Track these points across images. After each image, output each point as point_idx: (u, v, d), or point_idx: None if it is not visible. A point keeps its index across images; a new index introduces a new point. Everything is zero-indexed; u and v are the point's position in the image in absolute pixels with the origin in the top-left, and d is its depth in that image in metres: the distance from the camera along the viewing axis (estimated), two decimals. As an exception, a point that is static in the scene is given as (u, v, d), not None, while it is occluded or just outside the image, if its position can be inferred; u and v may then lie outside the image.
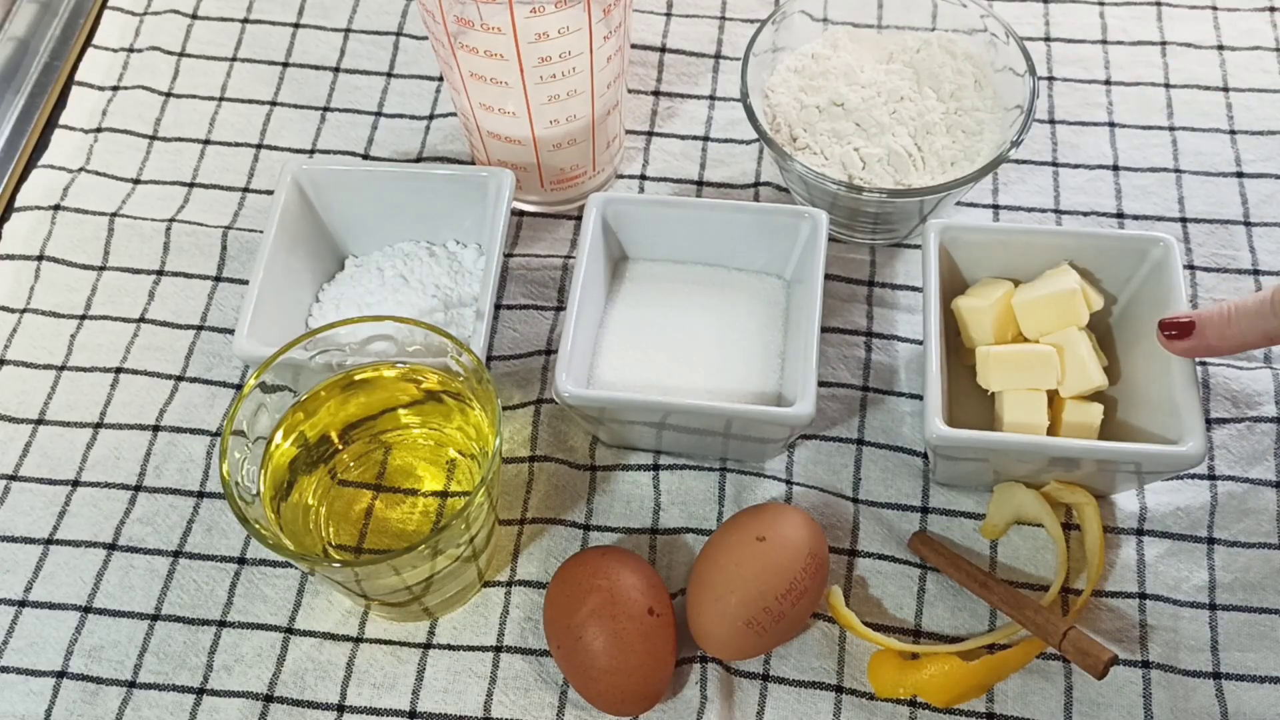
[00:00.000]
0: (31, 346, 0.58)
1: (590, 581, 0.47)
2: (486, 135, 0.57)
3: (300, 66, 0.68)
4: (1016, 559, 0.52)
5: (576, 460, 0.54)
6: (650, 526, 0.53)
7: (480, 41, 0.51)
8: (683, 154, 0.64)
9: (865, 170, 0.56)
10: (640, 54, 0.67)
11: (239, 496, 0.43)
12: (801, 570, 0.47)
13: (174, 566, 0.52)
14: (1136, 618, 0.50)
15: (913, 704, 0.49)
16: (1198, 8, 0.68)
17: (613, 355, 0.53)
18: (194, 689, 0.49)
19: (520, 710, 0.49)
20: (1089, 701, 0.48)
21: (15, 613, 0.51)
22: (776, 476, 0.53)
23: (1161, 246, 0.51)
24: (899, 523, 0.53)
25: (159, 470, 0.55)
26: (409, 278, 0.56)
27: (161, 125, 0.66)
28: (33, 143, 0.66)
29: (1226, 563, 0.51)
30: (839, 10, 0.61)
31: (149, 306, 0.59)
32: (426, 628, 0.51)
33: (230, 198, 0.63)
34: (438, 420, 0.50)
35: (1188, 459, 0.46)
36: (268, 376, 0.45)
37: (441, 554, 0.44)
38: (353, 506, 0.50)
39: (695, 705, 0.48)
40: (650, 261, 0.56)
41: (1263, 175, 0.62)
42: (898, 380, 0.56)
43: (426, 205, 0.56)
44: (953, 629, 0.50)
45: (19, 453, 0.55)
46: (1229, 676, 0.49)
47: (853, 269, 0.60)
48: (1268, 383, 0.55)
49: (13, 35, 0.69)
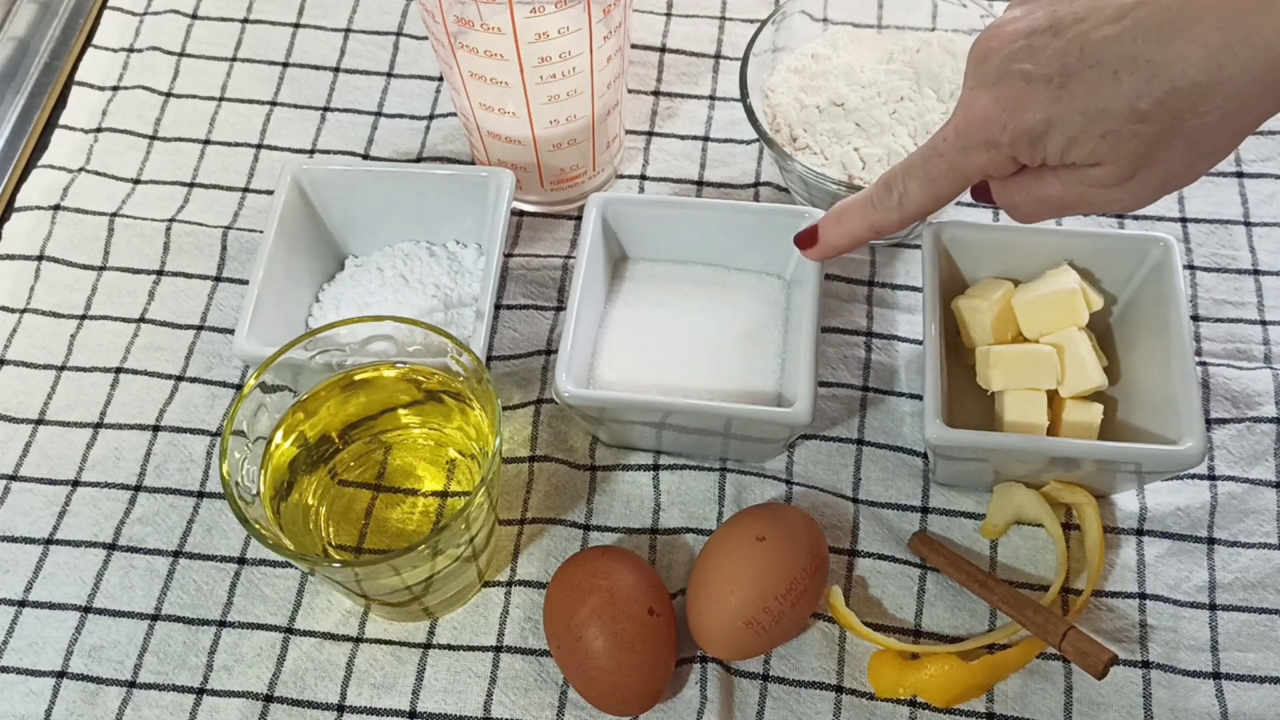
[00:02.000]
0: (31, 346, 0.58)
1: (590, 581, 0.47)
2: (486, 135, 0.57)
3: (300, 66, 0.68)
4: (1016, 559, 0.52)
5: (576, 460, 0.54)
6: (650, 526, 0.53)
7: (480, 41, 0.51)
8: (683, 154, 0.64)
9: (865, 170, 0.56)
10: (640, 54, 0.67)
11: (239, 496, 0.43)
12: (801, 570, 0.47)
13: (174, 566, 0.52)
14: (1136, 618, 0.50)
15: (913, 704, 0.49)
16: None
17: (613, 355, 0.53)
18: (194, 689, 0.49)
19: (520, 710, 0.49)
20: (1089, 701, 0.48)
21: (15, 613, 0.51)
22: (776, 476, 0.53)
23: (1161, 246, 0.51)
24: (899, 523, 0.53)
25: (159, 470, 0.55)
26: (409, 278, 0.56)
27: (161, 125, 0.66)
28: (33, 143, 0.66)
29: (1226, 563, 0.51)
30: (839, 10, 0.61)
31: (149, 306, 0.59)
32: (426, 628, 0.51)
33: (230, 198, 0.63)
34: (438, 420, 0.50)
35: (1188, 459, 0.46)
36: (268, 376, 0.45)
37: (441, 554, 0.44)
38: (353, 506, 0.50)
39: (695, 705, 0.48)
40: (650, 261, 0.56)
41: (1263, 175, 0.62)
42: (898, 380, 0.56)
43: (426, 205, 0.56)
44: (953, 629, 0.50)
45: (19, 453, 0.55)
46: (1229, 676, 0.49)
47: (853, 269, 0.60)
48: (1268, 383, 0.55)
49: (13, 35, 0.69)
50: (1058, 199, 0.41)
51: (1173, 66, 0.35)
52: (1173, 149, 0.37)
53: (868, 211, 0.45)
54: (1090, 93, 0.36)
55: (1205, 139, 0.37)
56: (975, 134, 0.40)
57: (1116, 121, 0.37)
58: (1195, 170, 0.38)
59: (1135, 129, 0.36)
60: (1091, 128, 0.37)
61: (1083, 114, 0.37)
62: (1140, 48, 0.35)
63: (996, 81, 0.39)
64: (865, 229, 0.46)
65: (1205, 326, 0.58)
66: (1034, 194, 0.42)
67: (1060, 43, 0.37)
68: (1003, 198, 0.43)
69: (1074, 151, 0.38)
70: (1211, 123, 0.36)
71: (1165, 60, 0.35)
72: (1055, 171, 0.40)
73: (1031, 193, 0.42)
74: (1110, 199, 0.40)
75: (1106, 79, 0.36)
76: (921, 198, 0.43)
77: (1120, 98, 0.36)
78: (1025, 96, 0.38)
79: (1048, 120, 0.38)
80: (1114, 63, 0.36)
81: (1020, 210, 0.43)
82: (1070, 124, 0.37)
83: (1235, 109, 0.35)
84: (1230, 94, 0.35)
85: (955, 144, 0.41)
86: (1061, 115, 0.37)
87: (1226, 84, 0.35)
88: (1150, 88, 0.35)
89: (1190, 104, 0.35)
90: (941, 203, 0.43)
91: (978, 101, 0.40)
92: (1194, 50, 0.34)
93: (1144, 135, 0.37)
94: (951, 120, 0.41)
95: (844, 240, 0.47)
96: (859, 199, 0.46)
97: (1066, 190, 0.40)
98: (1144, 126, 0.36)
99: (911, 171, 0.43)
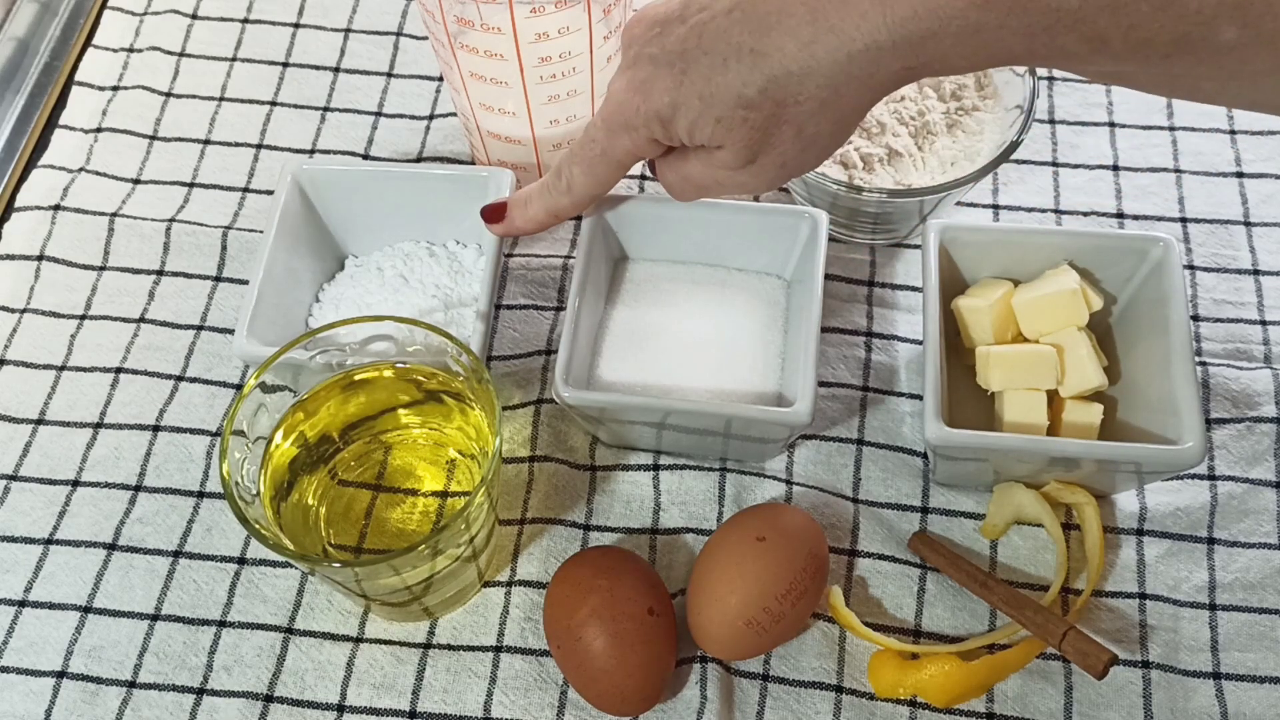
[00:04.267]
0: (31, 346, 0.58)
1: (590, 581, 0.47)
2: (486, 135, 0.57)
3: (300, 66, 0.68)
4: (1016, 559, 0.52)
5: (576, 460, 0.54)
6: (650, 526, 0.53)
7: (480, 41, 0.51)
8: (683, 154, 0.64)
9: (865, 170, 0.56)
10: (640, 54, 0.67)
11: (239, 496, 0.43)
12: (801, 570, 0.47)
13: (174, 566, 0.52)
14: (1136, 618, 0.50)
15: (913, 704, 0.49)
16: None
17: (613, 355, 0.53)
18: (194, 689, 0.49)
19: (520, 710, 0.49)
20: (1089, 701, 0.48)
21: (15, 613, 0.51)
22: (776, 476, 0.53)
23: (1161, 246, 0.51)
24: (899, 523, 0.53)
25: (159, 470, 0.55)
26: (409, 278, 0.56)
27: (161, 125, 0.66)
28: (33, 143, 0.66)
29: (1226, 563, 0.51)
30: (839, 10, 0.61)
31: (149, 306, 0.59)
32: (426, 628, 0.51)
33: (230, 198, 0.63)
34: (438, 420, 0.50)
35: (1188, 459, 0.46)
36: (268, 376, 0.45)
37: (441, 554, 0.44)
38: (353, 506, 0.50)
39: (695, 705, 0.48)
40: (650, 261, 0.56)
41: (1263, 175, 0.62)
42: (898, 380, 0.56)
43: (426, 205, 0.56)
44: (953, 629, 0.50)
45: (19, 453, 0.55)
46: (1229, 676, 0.49)
47: (853, 269, 0.60)
48: (1268, 383, 0.55)
49: (13, 35, 0.69)
50: (698, 179, 0.44)
51: (771, 56, 0.37)
52: (782, 134, 0.39)
53: (545, 196, 0.48)
54: (705, 78, 0.39)
55: (809, 125, 0.39)
56: (615, 118, 0.42)
57: (727, 107, 0.39)
58: (807, 156, 0.41)
59: (744, 115, 0.39)
60: (707, 112, 0.39)
61: (700, 98, 0.39)
62: (745, 37, 0.38)
63: (631, 65, 0.41)
64: (544, 213, 0.48)
65: (1205, 326, 0.58)
66: (680, 173, 0.44)
67: (684, 29, 0.39)
68: (661, 177, 0.46)
69: (697, 134, 0.40)
70: (811, 110, 0.38)
71: (765, 49, 0.37)
72: (694, 152, 0.43)
73: (679, 172, 0.44)
74: (739, 181, 0.42)
75: (718, 65, 0.38)
76: (586, 182, 0.46)
77: (729, 85, 0.38)
78: (653, 80, 0.40)
79: (673, 104, 0.40)
80: (724, 50, 0.38)
81: (674, 188, 0.45)
82: (690, 108, 0.40)
83: (829, 97, 0.38)
84: (823, 83, 0.37)
85: (602, 129, 0.43)
86: (684, 100, 0.40)
87: (817, 73, 0.37)
88: (753, 76, 0.38)
89: (790, 92, 0.38)
90: (606, 185, 0.46)
91: (616, 85, 0.42)
92: (789, 41, 0.37)
93: (753, 121, 0.39)
94: (601, 108, 0.43)
95: (528, 225, 0.49)
96: (538, 185, 0.48)
97: (703, 171, 0.43)
98: (751, 113, 0.39)
99: (574, 158, 0.46)
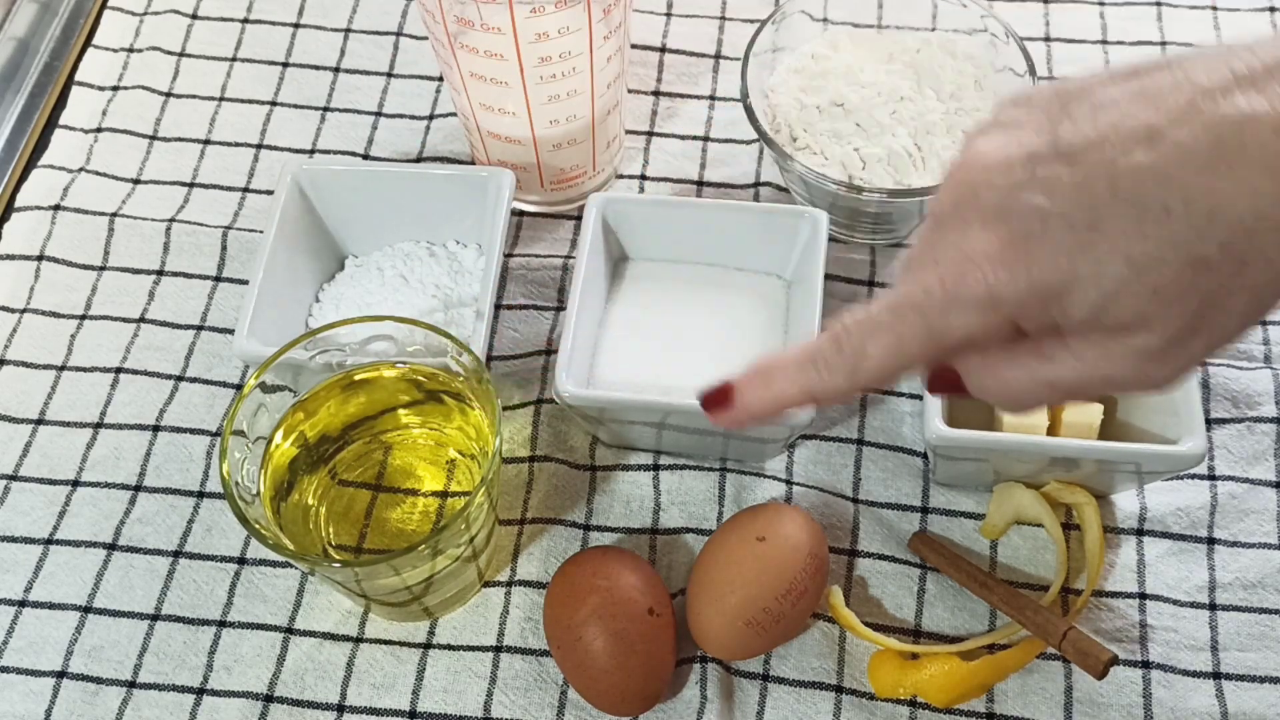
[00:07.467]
0: (31, 346, 0.58)
1: (590, 581, 0.47)
2: (486, 135, 0.57)
3: (300, 66, 0.68)
4: (1016, 559, 0.52)
5: (576, 460, 0.54)
6: (650, 526, 0.53)
7: (480, 41, 0.51)
8: (683, 154, 0.64)
9: (865, 170, 0.56)
10: (640, 54, 0.67)
11: (239, 496, 0.43)
12: (801, 570, 0.47)
13: (174, 566, 0.52)
14: (1136, 618, 0.50)
15: (913, 704, 0.49)
16: (1198, 8, 0.68)
17: (613, 355, 0.53)
18: (194, 689, 0.49)
19: (520, 710, 0.49)
20: (1089, 701, 0.48)
21: (15, 613, 0.51)
22: (776, 476, 0.53)
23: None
24: (899, 523, 0.53)
25: (159, 470, 0.55)
26: (409, 278, 0.56)
27: (161, 125, 0.66)
28: (33, 143, 0.66)
29: (1226, 563, 0.51)
30: (839, 10, 0.61)
31: (149, 306, 0.59)
32: (426, 628, 0.51)
33: (230, 198, 0.63)
34: (438, 420, 0.50)
35: (1188, 459, 0.46)
36: (268, 376, 0.45)
37: (441, 554, 0.44)
38: (353, 506, 0.50)
39: (695, 705, 0.48)
40: (650, 261, 0.56)
41: (1263, 175, 0.62)
42: (898, 380, 0.56)
43: (426, 205, 0.56)
44: (953, 629, 0.50)
45: (19, 453, 0.55)
46: (1229, 676, 0.49)
47: (853, 269, 0.60)
48: (1268, 383, 0.55)
49: (13, 35, 0.69)
50: (1071, 379, 0.32)
51: (1238, 201, 0.28)
52: (1232, 304, 0.29)
53: (807, 373, 0.34)
54: (1133, 236, 0.29)
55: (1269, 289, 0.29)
56: (970, 288, 0.30)
57: (1172, 271, 0.29)
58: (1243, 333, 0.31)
59: (1194, 280, 0.29)
60: (1139, 281, 0.29)
61: (1127, 263, 0.29)
62: (1192, 177, 0.28)
63: (998, 219, 0.30)
64: (798, 394, 0.35)
65: (1205, 326, 0.58)
66: (1036, 373, 0.32)
67: (1077, 172, 0.29)
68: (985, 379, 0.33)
69: (1112, 311, 0.30)
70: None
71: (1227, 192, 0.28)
72: (1072, 340, 0.31)
73: (1033, 371, 0.32)
74: (1145, 374, 0.31)
75: (1152, 218, 0.28)
76: (885, 363, 0.33)
77: (1175, 242, 0.28)
78: (1041, 241, 0.30)
79: (1074, 272, 0.29)
80: (1161, 197, 0.28)
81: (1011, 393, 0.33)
82: (1108, 277, 0.29)
83: None
84: None
85: (940, 298, 0.31)
86: (1094, 266, 0.29)
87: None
88: (1213, 228, 0.28)
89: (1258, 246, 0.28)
90: (903, 374, 0.33)
91: (973, 244, 0.30)
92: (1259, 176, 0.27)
93: (1204, 287, 0.29)
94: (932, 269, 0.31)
95: (766, 406, 0.36)
96: (795, 356, 0.35)
97: (1087, 366, 0.31)
98: (1204, 277, 0.29)
99: (875, 328, 0.33)
